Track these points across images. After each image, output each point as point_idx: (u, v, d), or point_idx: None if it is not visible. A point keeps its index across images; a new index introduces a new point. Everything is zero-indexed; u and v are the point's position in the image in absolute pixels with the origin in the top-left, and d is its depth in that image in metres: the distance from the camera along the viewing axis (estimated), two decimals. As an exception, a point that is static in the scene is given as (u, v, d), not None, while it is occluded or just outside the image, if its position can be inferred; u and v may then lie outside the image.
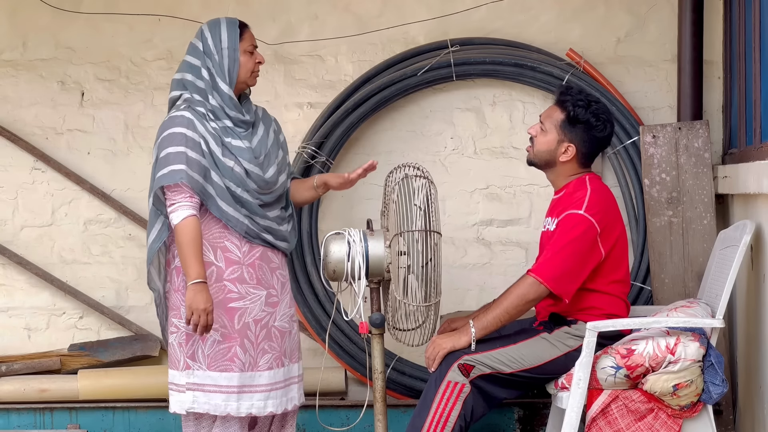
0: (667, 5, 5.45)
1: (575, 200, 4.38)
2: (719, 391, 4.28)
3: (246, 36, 4.43)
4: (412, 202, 4.39)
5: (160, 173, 4.26)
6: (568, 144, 4.44)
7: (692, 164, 5.24)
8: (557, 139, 4.45)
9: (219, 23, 4.43)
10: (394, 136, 5.58)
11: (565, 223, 4.35)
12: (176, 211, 4.25)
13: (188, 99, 4.36)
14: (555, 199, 4.53)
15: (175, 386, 4.39)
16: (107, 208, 5.62)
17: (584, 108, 4.41)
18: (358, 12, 5.57)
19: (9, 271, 5.64)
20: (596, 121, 4.42)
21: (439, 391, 4.29)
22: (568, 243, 4.31)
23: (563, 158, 4.45)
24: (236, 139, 4.35)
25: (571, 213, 4.34)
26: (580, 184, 4.44)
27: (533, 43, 5.50)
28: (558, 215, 4.42)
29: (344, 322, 5.31)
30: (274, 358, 4.42)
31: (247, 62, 4.41)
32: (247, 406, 4.35)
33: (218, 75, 4.35)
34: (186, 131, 4.27)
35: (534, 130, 4.51)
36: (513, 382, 4.36)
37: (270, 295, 4.42)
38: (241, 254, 4.37)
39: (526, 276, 4.34)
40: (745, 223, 4.47)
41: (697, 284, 5.06)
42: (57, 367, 5.45)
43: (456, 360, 4.30)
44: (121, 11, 5.56)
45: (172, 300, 4.39)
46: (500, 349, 4.35)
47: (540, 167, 4.53)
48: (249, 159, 4.34)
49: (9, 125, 5.61)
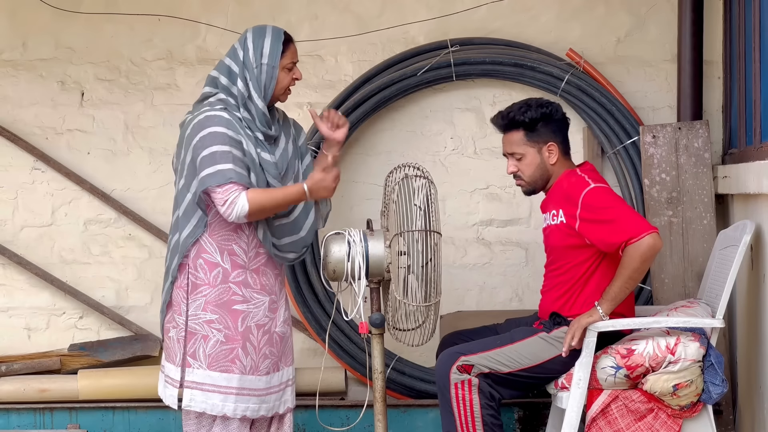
0: (667, 5, 5.45)
1: (576, 184, 4.37)
2: (719, 391, 4.28)
3: (289, 52, 4.34)
4: (412, 202, 4.38)
5: (206, 172, 4.20)
6: (546, 147, 4.45)
7: (692, 164, 5.24)
8: (536, 151, 4.46)
9: (264, 34, 4.33)
10: (394, 136, 5.58)
11: (591, 201, 4.30)
12: (235, 202, 4.18)
13: (224, 101, 4.31)
14: (548, 195, 4.53)
15: (171, 379, 4.39)
16: (107, 208, 5.62)
17: (527, 110, 4.43)
18: (358, 12, 5.57)
19: (9, 271, 5.64)
20: (546, 109, 4.44)
21: (452, 396, 4.32)
22: (612, 207, 4.27)
23: (552, 160, 4.46)
24: (265, 152, 4.32)
25: (587, 193, 4.31)
26: (569, 174, 4.45)
27: (533, 43, 5.50)
28: (558, 207, 4.41)
29: (344, 322, 5.32)
30: (272, 363, 4.42)
31: (285, 78, 4.34)
32: (243, 408, 4.35)
33: (254, 89, 4.29)
34: (227, 131, 4.23)
35: (512, 166, 4.50)
36: (512, 382, 4.36)
37: (272, 301, 4.42)
38: (247, 259, 4.36)
39: (628, 248, 4.19)
40: (745, 223, 4.47)
41: (697, 284, 5.06)
42: (57, 367, 5.45)
43: (453, 363, 4.31)
44: (121, 11, 5.56)
45: (173, 296, 4.38)
46: (497, 349, 4.35)
47: (542, 188, 4.53)
48: (274, 174, 4.32)
49: (9, 125, 5.61)
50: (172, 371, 4.38)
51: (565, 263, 4.43)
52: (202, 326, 4.33)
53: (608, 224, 4.26)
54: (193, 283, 4.34)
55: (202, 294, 4.33)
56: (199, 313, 4.33)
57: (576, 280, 4.41)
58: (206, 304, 4.33)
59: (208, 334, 4.33)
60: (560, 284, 4.46)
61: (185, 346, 4.34)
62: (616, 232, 4.24)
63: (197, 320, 4.33)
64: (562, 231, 4.42)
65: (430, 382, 5.31)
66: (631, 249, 4.20)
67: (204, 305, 4.33)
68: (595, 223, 4.29)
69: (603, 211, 4.29)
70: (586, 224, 4.31)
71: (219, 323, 4.32)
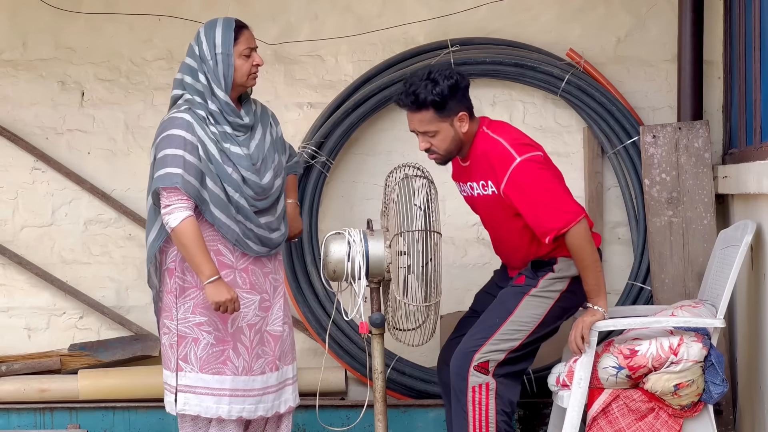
0: (667, 5, 5.45)
1: (501, 157, 4.30)
2: (720, 391, 4.28)
3: (242, 38, 4.32)
4: (412, 202, 4.38)
5: (157, 174, 4.23)
6: (457, 118, 4.36)
7: (692, 164, 5.24)
8: (448, 125, 4.36)
9: (215, 26, 4.33)
10: (394, 136, 5.57)
11: (517, 179, 4.27)
12: (172, 213, 4.20)
13: (189, 100, 4.31)
14: (470, 164, 4.44)
15: (168, 386, 4.38)
16: (107, 208, 5.62)
17: (434, 87, 4.30)
18: (358, 12, 5.57)
19: (9, 271, 5.63)
20: (452, 80, 4.32)
21: (469, 400, 4.31)
22: (543, 189, 4.27)
23: (464, 129, 4.36)
24: (235, 145, 4.30)
25: (515, 168, 4.26)
26: (484, 140, 4.36)
27: (533, 43, 5.50)
28: (486, 178, 4.36)
29: (344, 322, 5.31)
30: (267, 363, 4.40)
31: (243, 65, 4.31)
32: (238, 410, 4.34)
33: (214, 81, 4.28)
34: (185, 134, 4.22)
35: (424, 143, 4.40)
36: (527, 352, 4.37)
37: (263, 300, 4.41)
38: (234, 258, 4.34)
39: (568, 237, 4.25)
40: (746, 223, 4.47)
41: (697, 284, 5.06)
42: (57, 367, 5.45)
43: (469, 363, 4.30)
44: (121, 11, 5.56)
45: (164, 301, 4.37)
46: (501, 327, 4.34)
47: (456, 156, 4.46)
48: (246, 166, 4.30)
49: (9, 125, 5.61)
50: (168, 377, 4.37)
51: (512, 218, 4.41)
52: (192, 329, 4.32)
53: (537, 209, 4.26)
54: (181, 286, 4.33)
55: (190, 297, 4.32)
56: (188, 316, 4.32)
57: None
58: (195, 306, 4.32)
59: (199, 337, 4.31)
60: (518, 231, 4.42)
61: (177, 351, 4.34)
62: (547, 219, 4.25)
63: (187, 323, 4.32)
64: (498, 202, 4.38)
65: (430, 382, 5.31)
66: (571, 238, 4.25)
67: (193, 308, 4.32)
68: (524, 205, 4.28)
69: (531, 190, 4.26)
70: (516, 201, 4.29)
71: (209, 325, 4.31)
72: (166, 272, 4.35)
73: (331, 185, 5.57)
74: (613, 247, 5.49)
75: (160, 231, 4.31)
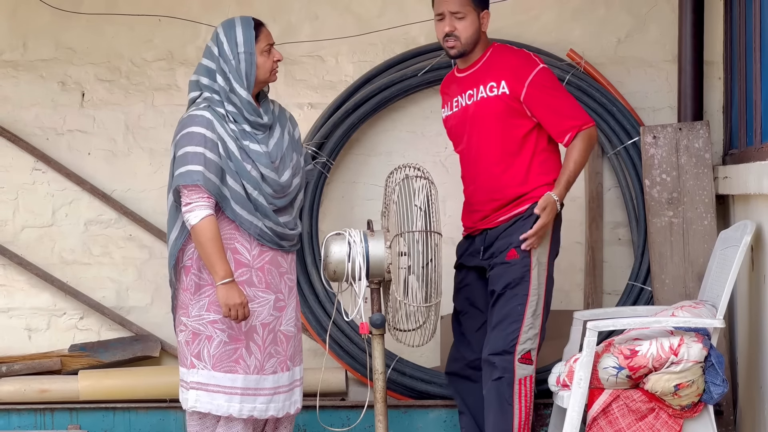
0: (668, 6, 5.45)
1: (526, 59, 4.50)
2: (720, 391, 4.28)
3: (262, 36, 4.36)
4: (412, 203, 4.39)
5: (178, 171, 4.24)
6: (484, 13, 4.54)
7: (693, 165, 5.24)
8: (476, 15, 4.50)
9: (234, 25, 4.34)
10: (395, 136, 5.58)
11: (541, 80, 4.45)
12: (193, 211, 4.22)
13: (209, 98, 4.32)
14: (482, 67, 4.55)
15: (184, 383, 4.39)
16: (108, 209, 5.62)
17: None
18: (359, 12, 5.57)
19: (9, 272, 5.63)
20: None
21: (515, 393, 4.36)
22: (564, 93, 4.51)
23: (485, 27, 4.56)
24: (254, 143, 4.32)
25: (540, 70, 4.47)
26: (504, 47, 4.59)
27: (534, 43, 5.49)
28: (500, 79, 4.46)
29: (345, 322, 5.31)
30: (279, 362, 4.41)
31: (265, 62, 4.35)
32: (249, 409, 4.34)
33: (236, 80, 4.30)
34: (205, 131, 4.24)
35: (449, 26, 4.49)
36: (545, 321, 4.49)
37: (278, 300, 4.41)
38: (251, 257, 4.35)
39: (581, 133, 4.43)
40: (746, 224, 4.47)
41: (697, 285, 5.05)
42: (57, 367, 5.45)
43: (513, 353, 4.35)
44: (121, 12, 5.56)
45: (180, 298, 4.38)
46: (526, 311, 4.41)
47: (468, 53, 4.55)
48: (266, 164, 4.32)
49: (9, 126, 5.61)
50: (184, 375, 4.38)
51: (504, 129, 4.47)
52: (206, 327, 4.33)
53: (560, 107, 4.44)
54: (197, 284, 4.34)
55: (205, 295, 4.33)
56: (203, 313, 4.33)
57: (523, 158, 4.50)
58: (210, 304, 4.32)
59: (212, 335, 4.33)
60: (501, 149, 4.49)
61: (191, 348, 4.35)
62: (569, 116, 4.44)
63: (201, 321, 4.33)
64: (500, 105, 4.46)
65: (431, 382, 5.31)
66: (584, 136, 4.43)
67: (208, 305, 4.33)
68: (547, 104, 4.44)
69: (551, 91, 4.45)
70: (538, 99, 4.44)
71: (223, 323, 4.32)
72: (182, 270, 4.36)
73: (332, 186, 5.57)
74: (613, 248, 5.49)
75: (182, 229, 4.32)
